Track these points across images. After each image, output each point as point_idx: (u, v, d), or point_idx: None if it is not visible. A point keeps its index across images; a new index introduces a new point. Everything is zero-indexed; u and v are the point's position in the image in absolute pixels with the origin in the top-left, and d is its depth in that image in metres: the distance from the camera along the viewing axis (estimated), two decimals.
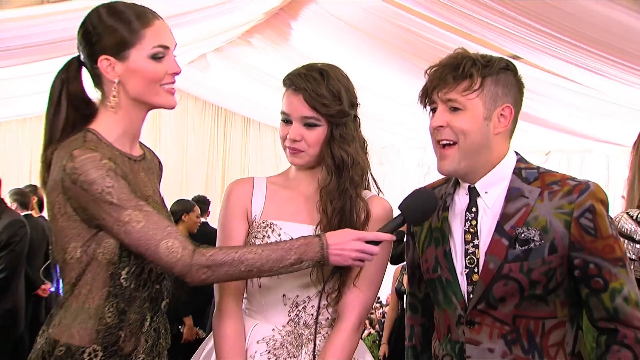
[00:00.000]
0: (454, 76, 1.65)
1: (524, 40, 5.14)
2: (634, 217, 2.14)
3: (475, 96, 1.65)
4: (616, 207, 2.69)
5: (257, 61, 8.40)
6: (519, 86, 1.73)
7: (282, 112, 1.84)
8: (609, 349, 1.64)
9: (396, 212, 1.76)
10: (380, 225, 1.80)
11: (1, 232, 4.22)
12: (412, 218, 1.71)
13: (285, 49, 7.66)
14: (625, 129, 6.71)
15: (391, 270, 5.28)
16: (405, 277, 4.47)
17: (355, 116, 1.89)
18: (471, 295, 1.68)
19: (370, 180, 1.93)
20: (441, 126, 1.67)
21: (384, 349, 4.91)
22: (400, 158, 10.75)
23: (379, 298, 8.17)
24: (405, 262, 4.56)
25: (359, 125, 1.90)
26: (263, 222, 1.84)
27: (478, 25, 5.22)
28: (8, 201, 5.59)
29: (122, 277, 1.67)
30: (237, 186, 1.92)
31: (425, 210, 1.72)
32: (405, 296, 4.49)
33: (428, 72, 1.71)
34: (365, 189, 1.91)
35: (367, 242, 1.66)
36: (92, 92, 1.76)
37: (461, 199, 1.76)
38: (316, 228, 1.82)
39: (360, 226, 1.81)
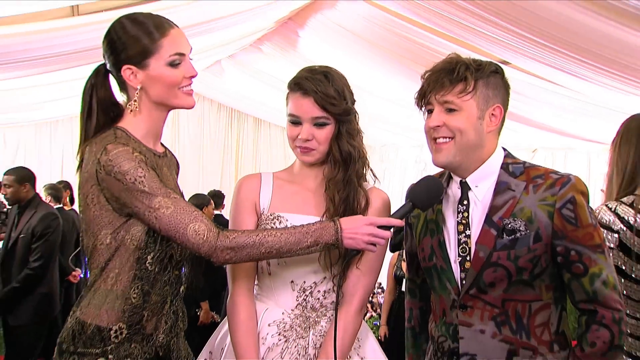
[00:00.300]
0: (450, 79, 1.65)
1: (512, 47, 5.13)
2: (612, 209, 2.14)
3: (470, 98, 1.65)
4: (597, 200, 2.68)
5: (268, 67, 8.39)
6: (506, 87, 1.73)
7: (291, 115, 1.82)
8: (589, 328, 1.64)
9: (394, 202, 1.76)
10: (379, 215, 1.80)
11: (37, 224, 4.24)
12: (420, 203, 1.69)
13: (293, 55, 7.66)
14: (604, 128, 6.71)
15: (389, 257, 5.29)
16: (403, 264, 4.48)
17: (356, 112, 1.89)
18: (464, 282, 1.68)
19: (368, 171, 1.92)
20: (438, 126, 1.67)
21: (383, 329, 4.91)
22: (399, 155, 10.74)
23: (380, 284, 8.18)
24: (402, 250, 4.60)
25: (358, 120, 1.90)
26: (271, 215, 1.83)
27: (470, 33, 5.21)
28: (43, 195, 5.62)
29: (147, 262, 1.68)
30: (246, 182, 1.91)
31: (431, 195, 1.70)
32: (404, 281, 4.49)
33: (424, 76, 1.71)
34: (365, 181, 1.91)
35: (379, 227, 1.65)
36: (119, 95, 1.77)
37: (454, 192, 1.76)
38: (322, 218, 1.81)
39: (361, 213, 1.81)
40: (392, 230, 1.68)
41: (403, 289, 4.54)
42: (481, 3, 4.62)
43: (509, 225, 1.64)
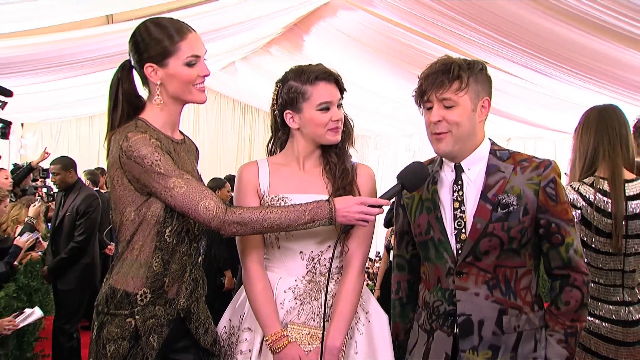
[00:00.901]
0: (447, 79, 1.64)
1: (490, 49, 5.12)
2: (576, 189, 2.15)
3: (464, 94, 1.64)
4: (562, 182, 2.69)
5: (276, 67, 8.35)
6: (490, 81, 1.73)
7: (324, 102, 1.75)
8: (562, 290, 1.68)
9: (387, 185, 1.75)
10: (367, 188, 1.81)
11: (80, 204, 4.25)
12: (408, 185, 1.69)
13: (299, 57, 7.62)
14: (568, 119, 6.71)
15: (383, 232, 5.32)
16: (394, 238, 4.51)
17: None
18: (460, 251, 1.68)
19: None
20: (439, 120, 1.66)
21: (377, 293, 4.94)
22: (391, 144, 10.72)
23: (378, 252, 8.23)
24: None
25: None
26: (275, 196, 1.79)
27: (454, 37, 5.19)
28: (83, 179, 5.64)
29: (166, 234, 1.66)
30: (245, 168, 1.87)
31: (419, 178, 1.70)
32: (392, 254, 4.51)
33: (422, 76, 1.70)
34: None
35: (369, 205, 1.64)
36: (141, 90, 1.75)
37: (447, 175, 1.75)
38: (327, 187, 1.80)
39: (351, 181, 1.80)
40: (382, 207, 1.66)
41: (391, 258, 4.57)
42: (464, 12, 4.60)
43: (504, 200, 1.66)
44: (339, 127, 1.78)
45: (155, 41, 1.64)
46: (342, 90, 1.80)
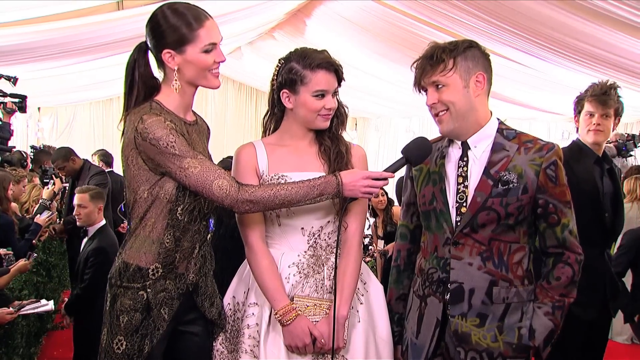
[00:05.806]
0: (431, 64, 1.66)
1: (485, 33, 5.08)
2: None
3: (452, 73, 1.65)
4: None
5: (280, 51, 8.24)
6: (485, 57, 1.71)
7: (320, 90, 1.73)
8: (555, 266, 1.70)
9: (381, 160, 1.72)
10: (361, 169, 1.78)
11: (89, 180, 4.27)
12: (412, 159, 1.68)
13: (301, 41, 7.55)
14: (561, 101, 6.68)
15: None
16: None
17: None
18: (459, 223, 1.70)
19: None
20: (434, 102, 1.68)
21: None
22: (392, 125, 10.68)
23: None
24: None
25: None
26: (275, 175, 1.77)
27: (452, 22, 5.16)
28: (96, 160, 5.65)
29: (178, 212, 1.66)
30: (243, 150, 1.84)
31: (422, 152, 1.69)
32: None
33: (413, 65, 1.72)
34: None
35: (374, 179, 1.63)
36: (156, 71, 1.72)
37: (455, 151, 1.76)
38: (323, 167, 1.78)
39: (347, 160, 1.80)
40: (387, 180, 1.66)
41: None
42: None
43: (504, 177, 1.66)
44: (329, 115, 1.77)
45: (172, 28, 1.61)
46: (340, 80, 1.78)
